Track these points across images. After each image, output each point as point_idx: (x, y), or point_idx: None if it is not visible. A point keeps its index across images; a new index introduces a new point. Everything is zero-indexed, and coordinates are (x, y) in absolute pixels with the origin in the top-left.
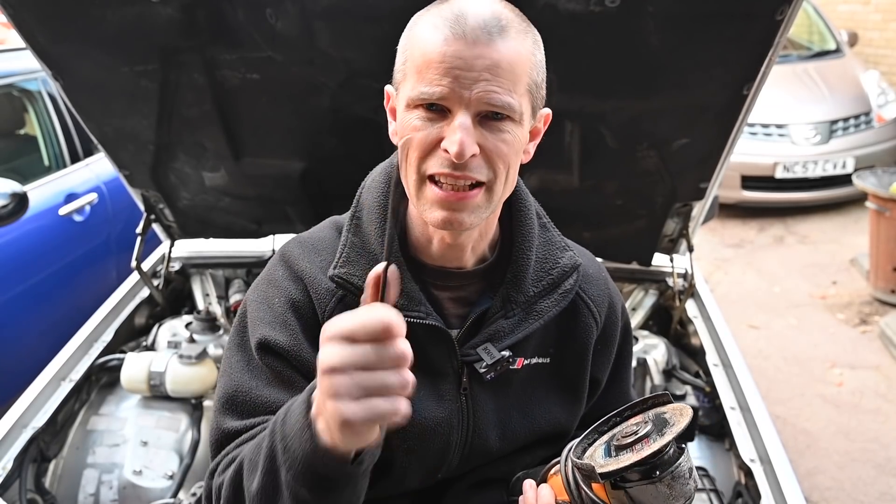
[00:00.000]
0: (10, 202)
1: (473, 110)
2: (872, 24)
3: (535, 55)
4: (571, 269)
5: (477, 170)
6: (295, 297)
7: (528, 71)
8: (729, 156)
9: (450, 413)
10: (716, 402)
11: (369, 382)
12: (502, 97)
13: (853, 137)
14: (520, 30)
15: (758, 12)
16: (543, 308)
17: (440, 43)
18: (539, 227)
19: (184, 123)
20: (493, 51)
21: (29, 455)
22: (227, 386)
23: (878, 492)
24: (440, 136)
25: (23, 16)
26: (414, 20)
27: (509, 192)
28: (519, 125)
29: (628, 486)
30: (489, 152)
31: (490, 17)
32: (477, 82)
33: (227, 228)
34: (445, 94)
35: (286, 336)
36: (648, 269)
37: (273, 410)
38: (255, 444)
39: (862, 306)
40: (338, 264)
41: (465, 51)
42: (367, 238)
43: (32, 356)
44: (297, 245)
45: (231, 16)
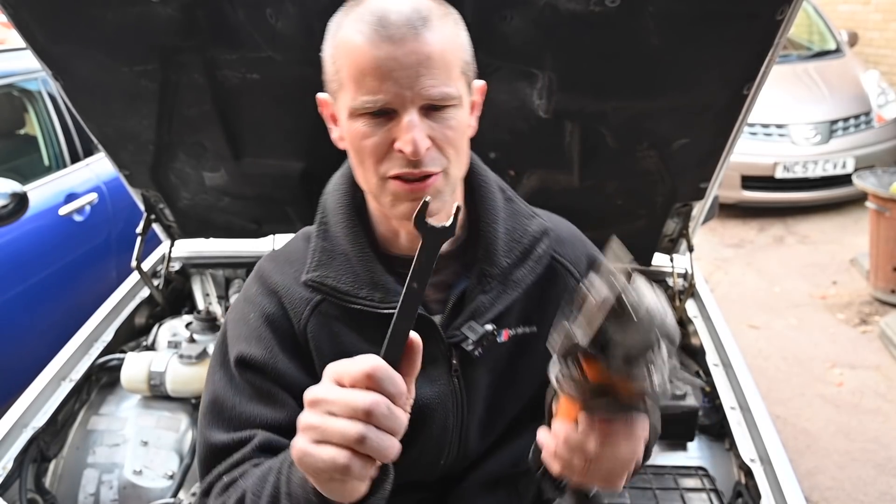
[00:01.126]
0: (10, 202)
1: (416, 105)
2: (872, 24)
3: (459, 35)
4: (541, 233)
5: (432, 162)
6: (269, 310)
7: (458, 55)
8: (729, 156)
9: (443, 395)
10: (716, 402)
11: (328, 427)
12: (441, 89)
13: (853, 137)
14: (440, 15)
15: (758, 12)
16: (520, 277)
17: (369, 48)
18: (504, 201)
19: (184, 123)
20: (422, 45)
21: (29, 455)
22: (211, 399)
23: (878, 492)
24: (392, 138)
25: (23, 16)
26: (335, 26)
27: (464, 170)
28: (460, 108)
29: (611, 335)
30: (439, 142)
31: (410, 11)
32: (414, 79)
33: (227, 228)
34: (388, 99)
35: (261, 350)
36: (648, 269)
37: (257, 425)
38: (260, 476)
39: (862, 306)
40: (310, 269)
41: (396, 51)
42: (336, 241)
43: (32, 356)
44: (269, 260)
45: (231, 16)
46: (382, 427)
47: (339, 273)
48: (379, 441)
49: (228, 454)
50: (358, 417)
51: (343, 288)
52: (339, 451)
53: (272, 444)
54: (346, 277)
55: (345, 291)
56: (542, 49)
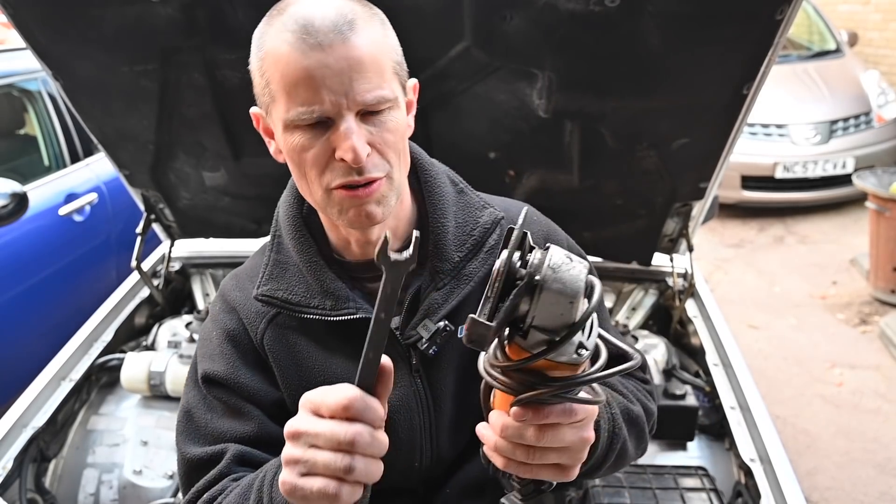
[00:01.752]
0: (10, 202)
1: (353, 111)
2: (872, 24)
3: (387, 36)
4: (493, 224)
5: (374, 168)
6: (229, 327)
7: (389, 55)
8: (729, 156)
9: (405, 397)
10: (716, 401)
11: (315, 460)
12: (375, 93)
13: (853, 137)
14: (366, 17)
15: (758, 12)
16: (472, 270)
17: (298, 57)
18: (455, 193)
19: (184, 123)
20: (350, 49)
21: (29, 455)
22: (185, 414)
23: (878, 492)
24: (331, 148)
25: (23, 16)
26: (258, 36)
27: (406, 170)
28: (397, 108)
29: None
30: (379, 146)
31: (336, 16)
32: (349, 85)
33: (227, 228)
34: (324, 108)
35: (223, 366)
36: (648, 269)
37: (229, 439)
38: (240, 494)
39: (862, 306)
40: (260, 284)
41: (326, 58)
42: (287, 252)
43: (32, 356)
44: (231, 278)
45: (231, 16)
46: (367, 454)
47: (291, 284)
48: (366, 468)
49: (206, 469)
50: (343, 449)
51: (294, 299)
52: (329, 482)
53: (245, 455)
54: (299, 288)
55: (296, 302)
56: (542, 49)
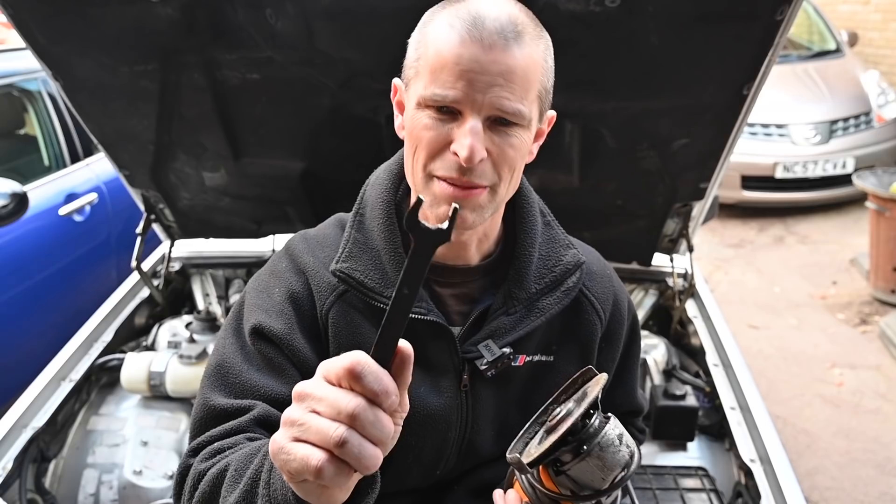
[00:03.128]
0: (10, 202)
1: (484, 114)
2: (872, 24)
3: (546, 61)
4: (574, 266)
5: (482, 175)
6: (295, 288)
7: (539, 77)
8: (729, 156)
9: (448, 408)
10: (716, 402)
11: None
12: (514, 104)
13: (853, 137)
14: (534, 35)
15: (758, 12)
16: (545, 305)
17: (457, 44)
18: (543, 225)
19: (184, 123)
20: (508, 56)
21: (29, 455)
22: (217, 363)
23: (878, 492)
24: (450, 138)
25: (23, 16)
26: (429, 16)
27: (513, 192)
28: (527, 130)
29: (566, 469)
30: (496, 157)
31: (507, 22)
32: (491, 87)
33: (227, 228)
34: (459, 97)
35: (281, 324)
36: (648, 269)
37: (260, 395)
38: (247, 455)
39: (862, 306)
40: (340, 259)
41: (482, 55)
42: (370, 235)
43: (32, 356)
44: (301, 240)
45: (231, 16)
46: (367, 435)
47: (367, 268)
48: (360, 448)
49: (226, 419)
50: (341, 420)
51: (369, 284)
52: (314, 451)
53: (270, 417)
54: (375, 274)
55: (370, 288)
56: None
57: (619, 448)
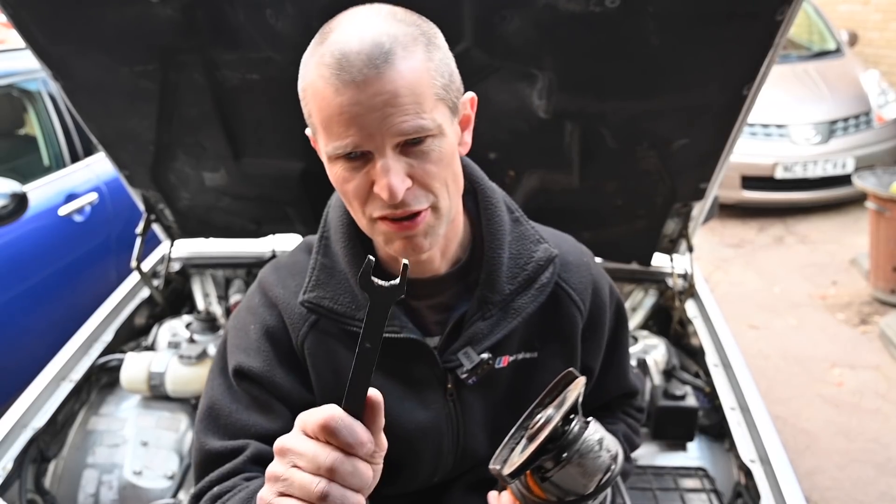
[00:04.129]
0: (10, 202)
1: (390, 145)
2: (872, 24)
3: (430, 61)
4: (547, 261)
5: (416, 201)
6: (269, 323)
7: (429, 82)
8: (729, 156)
9: (437, 420)
10: (716, 402)
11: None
12: (412, 122)
13: (853, 137)
14: (406, 43)
15: (758, 12)
16: (521, 305)
17: (333, 95)
18: (511, 222)
19: (184, 123)
20: (386, 83)
21: (29, 455)
22: (208, 405)
23: (878, 492)
24: (371, 181)
25: (23, 16)
26: (303, 65)
27: (458, 194)
28: (442, 137)
29: (549, 476)
30: (420, 179)
31: (371, 48)
32: (382, 120)
33: (227, 228)
34: (357, 142)
35: (259, 362)
36: (648, 270)
37: (251, 434)
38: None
39: (862, 306)
40: (307, 289)
41: (359, 94)
42: (335, 258)
43: (32, 356)
44: (272, 271)
45: (231, 16)
46: (347, 485)
47: (336, 293)
48: (343, 499)
49: (222, 462)
50: (322, 474)
51: (340, 310)
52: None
53: (263, 455)
54: (344, 298)
55: (341, 313)
56: (542, 49)
57: (598, 454)
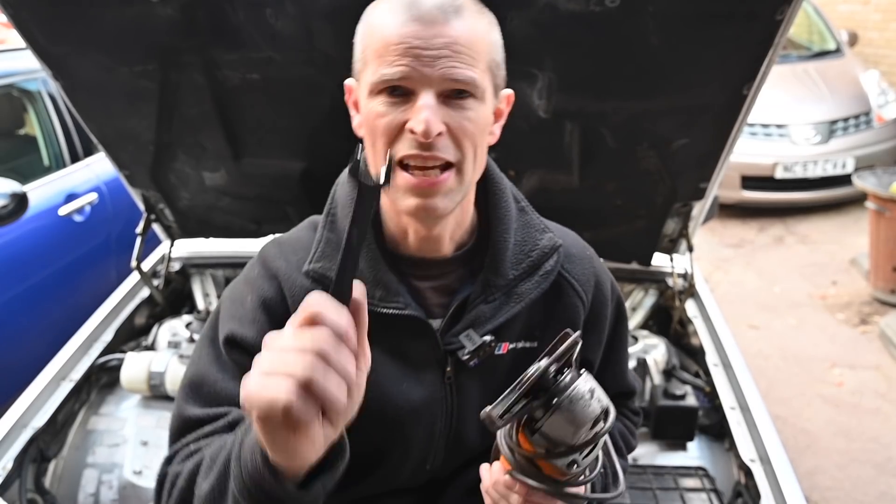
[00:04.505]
0: (10, 202)
1: (437, 89)
2: (872, 24)
3: (491, 34)
4: (551, 250)
5: (445, 149)
6: (268, 295)
7: (486, 49)
8: (729, 156)
9: (432, 401)
10: (716, 402)
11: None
12: (464, 71)
13: (853, 137)
14: (474, 10)
15: (758, 12)
16: (524, 291)
17: (398, 25)
18: (517, 211)
19: (184, 123)
20: (450, 29)
21: (29, 455)
22: (193, 374)
23: (878, 492)
24: (405, 119)
25: (23, 16)
26: (369, 10)
27: (479, 173)
28: (482, 102)
29: (539, 426)
30: (455, 131)
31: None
32: (437, 59)
33: (227, 228)
34: (407, 73)
35: (253, 332)
36: (648, 269)
37: (236, 402)
38: (220, 445)
39: (862, 306)
40: (313, 259)
41: (423, 31)
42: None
43: (32, 356)
44: (274, 245)
45: (231, 16)
46: (331, 364)
47: None
48: (325, 379)
49: (200, 426)
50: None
51: None
52: (283, 382)
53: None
54: None
55: None
56: (542, 49)
57: (589, 402)
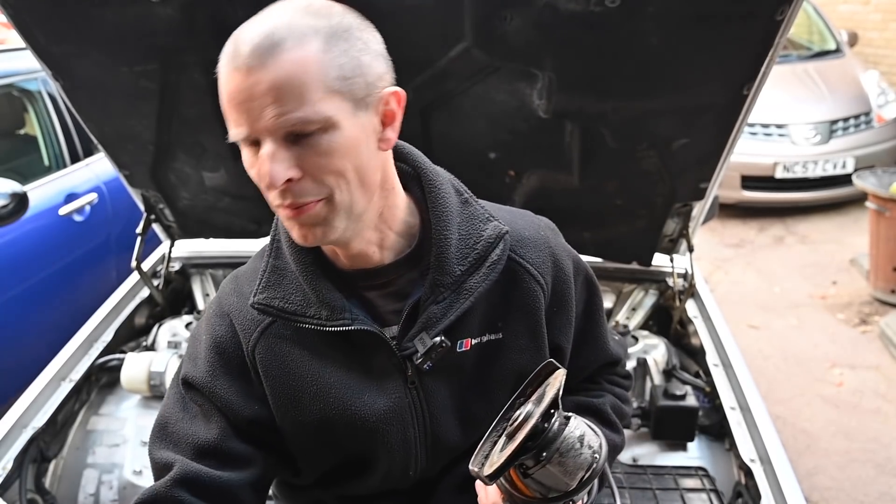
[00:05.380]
0: (10, 202)
1: (277, 135)
2: (872, 24)
3: (327, 53)
4: (497, 238)
5: (305, 193)
6: (218, 333)
7: (319, 75)
8: (729, 156)
9: (398, 408)
10: (716, 402)
11: None
12: (292, 115)
13: (853, 137)
14: (300, 36)
15: (758, 13)
16: (472, 285)
17: (225, 79)
18: (460, 204)
19: (184, 123)
20: (266, 73)
21: (29, 455)
22: (160, 415)
23: (878, 492)
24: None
25: (23, 16)
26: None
27: (370, 193)
28: (337, 129)
29: (531, 474)
30: (311, 171)
31: (262, 38)
32: (263, 109)
33: (227, 228)
34: (244, 130)
35: (202, 372)
36: (648, 269)
37: (190, 443)
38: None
39: (862, 306)
40: (257, 291)
41: (243, 81)
42: (286, 259)
43: (32, 356)
44: (231, 280)
45: (231, 16)
46: None
47: (288, 292)
48: None
49: (157, 475)
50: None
51: (290, 308)
52: None
53: (189, 475)
54: (296, 297)
55: (292, 311)
56: (541, 49)
57: (580, 451)
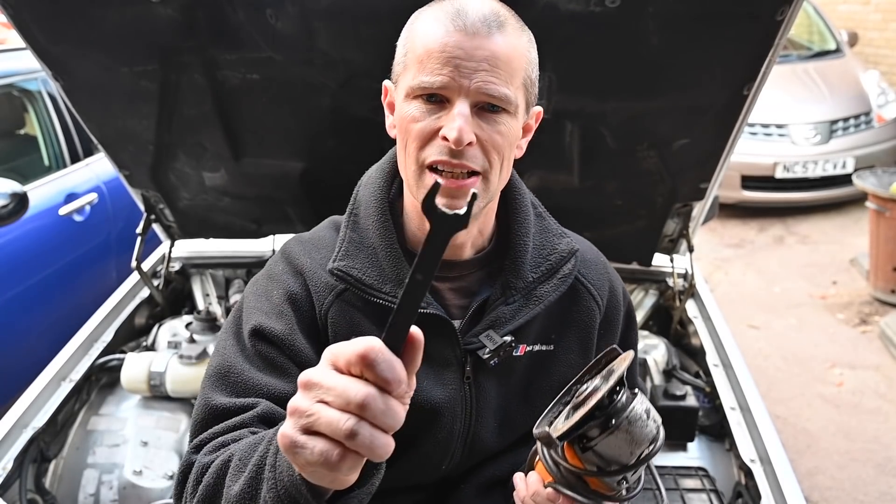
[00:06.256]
0: (10, 202)
1: (472, 100)
2: (872, 24)
3: (530, 52)
4: (569, 254)
5: (473, 159)
6: (294, 290)
7: (524, 66)
8: (729, 156)
9: (452, 401)
10: (716, 402)
11: (319, 416)
12: (500, 88)
13: (853, 137)
14: (516, 27)
15: (758, 13)
16: (543, 293)
17: (441, 34)
18: (535, 217)
19: (184, 123)
20: (491, 43)
21: (29, 455)
22: (219, 364)
23: (878, 492)
24: (438, 126)
25: (23, 16)
26: (415, 16)
27: (504, 183)
28: (514, 118)
29: (593, 445)
30: (485, 142)
31: (489, 13)
32: (476, 72)
33: (227, 228)
34: (446, 83)
35: (281, 325)
36: (648, 270)
37: (264, 393)
38: (251, 444)
39: (862, 306)
40: (337, 258)
41: (466, 42)
42: (365, 233)
43: (32, 356)
44: (297, 243)
45: (231, 16)
46: (377, 423)
47: (364, 265)
48: (371, 439)
49: (228, 417)
50: (351, 410)
51: (367, 281)
52: (328, 446)
53: (274, 415)
54: (372, 271)
55: (368, 284)
56: (542, 50)
57: (646, 422)
